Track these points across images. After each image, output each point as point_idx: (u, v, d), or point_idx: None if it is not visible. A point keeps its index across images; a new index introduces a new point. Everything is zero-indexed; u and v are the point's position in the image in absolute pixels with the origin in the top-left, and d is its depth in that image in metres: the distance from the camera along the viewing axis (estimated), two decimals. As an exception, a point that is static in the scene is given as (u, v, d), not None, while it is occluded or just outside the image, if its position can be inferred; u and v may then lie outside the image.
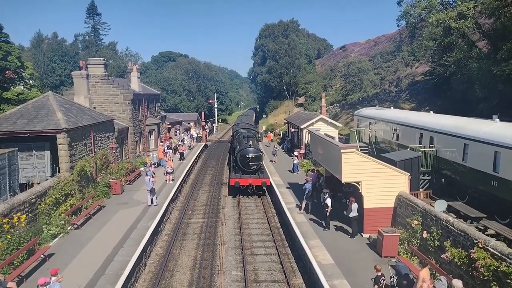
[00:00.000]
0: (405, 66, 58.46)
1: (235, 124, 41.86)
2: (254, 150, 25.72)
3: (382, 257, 14.75)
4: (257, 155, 25.77)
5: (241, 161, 25.59)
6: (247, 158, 25.45)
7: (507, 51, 24.00)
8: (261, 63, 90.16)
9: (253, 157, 25.52)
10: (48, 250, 15.49)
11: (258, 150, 26.03)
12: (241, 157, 25.70)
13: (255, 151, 25.72)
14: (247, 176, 25.31)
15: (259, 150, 26.38)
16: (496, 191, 16.54)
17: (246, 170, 25.61)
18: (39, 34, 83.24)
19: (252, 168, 25.63)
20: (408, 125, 25.35)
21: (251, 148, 25.76)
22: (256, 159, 25.61)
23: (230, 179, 26.18)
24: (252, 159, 25.45)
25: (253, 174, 25.59)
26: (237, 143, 29.10)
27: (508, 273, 10.14)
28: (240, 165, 25.75)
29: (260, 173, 25.96)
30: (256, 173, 25.75)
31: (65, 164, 21.23)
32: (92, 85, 32.36)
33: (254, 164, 25.58)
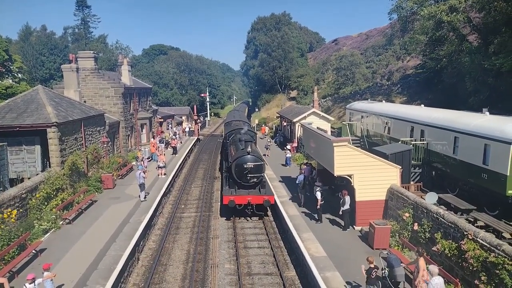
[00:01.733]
0: (396, 59, 58.72)
1: (227, 123, 34.59)
2: (253, 159, 19.96)
3: (374, 249, 14.93)
4: (258, 165, 19.97)
5: (237, 173, 19.95)
6: (245, 169, 19.80)
7: (497, 45, 24.21)
8: (253, 57, 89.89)
9: (253, 167, 19.81)
10: (40, 245, 15.39)
11: (258, 158, 20.25)
12: (237, 168, 19.94)
13: (255, 160, 19.97)
14: (244, 192, 20.05)
15: (260, 158, 20.55)
16: (485, 183, 16.78)
17: (243, 184, 20.21)
18: (27, 26, 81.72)
19: (251, 181, 20.13)
20: (399, 119, 25.53)
21: (250, 156, 19.90)
22: (256, 170, 19.93)
23: (222, 196, 20.29)
24: (251, 170, 19.81)
25: (252, 189, 20.28)
26: (231, 148, 23.31)
27: (496, 264, 10.33)
28: (235, 177, 20.12)
29: (262, 187, 20.33)
30: (256, 187, 20.36)
31: (55, 158, 21.02)
32: (82, 78, 31.95)
33: (253, 177, 20.01)
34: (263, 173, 20.53)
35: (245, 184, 20.19)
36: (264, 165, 20.54)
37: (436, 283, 10.18)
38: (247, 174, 19.87)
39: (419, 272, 10.85)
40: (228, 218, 20.23)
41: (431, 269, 10.65)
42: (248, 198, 19.59)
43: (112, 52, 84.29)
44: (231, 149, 23.28)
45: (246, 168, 19.80)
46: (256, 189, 20.30)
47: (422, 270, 10.65)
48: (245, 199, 19.57)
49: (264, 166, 20.51)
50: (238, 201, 19.41)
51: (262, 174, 20.42)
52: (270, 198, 19.77)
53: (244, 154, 20.02)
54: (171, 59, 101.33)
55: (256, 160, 20.03)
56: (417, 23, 33.60)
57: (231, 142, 24.42)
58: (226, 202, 19.35)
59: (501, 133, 15.96)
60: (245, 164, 19.78)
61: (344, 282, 12.35)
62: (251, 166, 19.83)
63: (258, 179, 20.22)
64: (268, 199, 19.54)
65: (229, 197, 19.42)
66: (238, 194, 19.90)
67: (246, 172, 19.82)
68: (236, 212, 20.02)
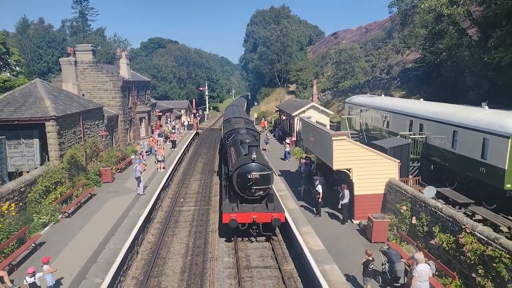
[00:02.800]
0: (396, 53, 58.54)
1: (226, 121, 30.44)
2: (259, 167, 16.46)
3: (372, 243, 15.03)
4: (265, 175, 16.46)
5: (240, 184, 16.54)
6: (249, 180, 16.34)
7: (497, 39, 24.11)
8: (252, 50, 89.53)
9: (259, 178, 16.34)
10: (39, 239, 15.43)
11: (265, 167, 16.72)
12: (239, 178, 16.51)
13: (261, 169, 16.47)
14: (248, 208, 16.60)
15: (267, 166, 16.98)
16: (484, 177, 16.83)
17: (247, 198, 16.78)
18: (24, 19, 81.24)
19: (257, 195, 16.71)
20: (398, 113, 25.52)
21: (255, 165, 16.40)
22: (263, 181, 16.45)
23: (222, 213, 16.78)
24: (256, 181, 16.33)
25: (257, 203, 16.92)
26: (231, 151, 19.90)
27: (493, 257, 10.40)
28: (237, 189, 16.73)
29: (269, 201, 16.87)
30: (262, 201, 16.97)
31: (54, 152, 20.99)
32: (80, 72, 31.81)
33: (259, 189, 16.56)
34: (271, 184, 16.92)
35: (249, 198, 16.72)
36: (272, 175, 16.90)
37: (421, 270, 10.43)
38: (252, 186, 16.37)
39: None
40: (228, 239, 17.09)
41: (417, 257, 10.91)
42: (252, 215, 16.20)
43: (110, 45, 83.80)
44: (231, 152, 19.80)
45: (251, 179, 16.30)
46: (263, 204, 16.87)
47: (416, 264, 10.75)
48: (249, 216, 16.21)
49: (272, 176, 16.88)
50: (241, 220, 16.16)
51: (270, 186, 16.76)
52: (280, 215, 16.28)
53: (248, 161, 16.46)
54: (170, 53, 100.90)
55: (263, 169, 16.48)
56: (417, 16, 33.42)
57: (232, 144, 20.89)
58: (226, 221, 16.11)
59: (500, 127, 15.98)
60: (249, 174, 16.28)
61: (343, 275, 12.42)
62: (257, 176, 16.29)
63: (264, 191, 16.66)
64: (277, 217, 16.07)
65: (229, 215, 16.09)
66: (241, 210, 16.46)
67: (250, 183, 16.33)
68: (239, 232, 16.73)
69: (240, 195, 16.83)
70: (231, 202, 17.06)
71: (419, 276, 10.42)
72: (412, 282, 10.58)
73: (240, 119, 28.90)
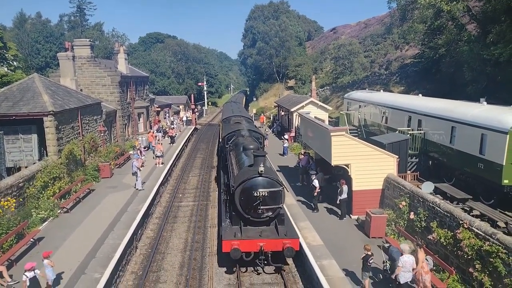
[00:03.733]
0: (395, 48, 58.46)
1: (225, 120, 27.22)
2: (268, 182, 13.28)
3: (370, 238, 15.10)
4: (275, 192, 13.30)
5: (244, 203, 13.35)
6: (255, 198, 13.16)
7: (496, 35, 24.10)
8: (251, 45, 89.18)
9: (267, 196, 13.20)
10: (38, 234, 15.44)
11: (275, 182, 13.46)
12: (243, 196, 13.35)
13: (270, 184, 13.29)
14: (254, 233, 13.41)
15: (277, 181, 13.61)
16: (482, 173, 16.89)
17: (252, 220, 13.59)
18: (21, 13, 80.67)
19: (265, 216, 13.54)
20: (397, 108, 25.53)
21: (263, 179, 13.24)
22: (272, 200, 13.31)
23: (222, 239, 13.38)
24: (264, 200, 13.20)
25: (265, 225, 13.73)
26: (232, 160, 16.88)
27: (490, 252, 10.47)
28: (241, 210, 13.51)
29: (279, 223, 13.73)
30: (271, 223, 13.80)
31: (52, 147, 20.96)
32: (78, 67, 31.69)
33: (268, 210, 13.39)
34: (282, 203, 13.65)
35: (255, 219, 13.55)
36: (283, 191, 13.59)
37: (405, 261, 10.66)
38: (259, 205, 13.14)
39: (418, 263, 11.00)
40: (229, 269, 13.83)
41: (402, 247, 11.06)
42: (259, 243, 12.98)
43: (108, 40, 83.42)
44: (231, 160, 16.90)
45: (257, 196, 13.07)
46: (271, 226, 13.72)
47: (421, 262, 10.80)
48: (255, 244, 13.00)
49: (283, 193, 13.58)
50: (245, 248, 12.94)
51: (281, 205, 13.54)
52: (293, 243, 12.96)
53: (254, 175, 13.17)
54: (168, 48, 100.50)
55: (272, 184, 13.24)
56: (416, 11, 33.37)
57: (232, 149, 18.12)
58: (227, 250, 12.86)
59: (498, 123, 16.00)
60: (255, 191, 13.07)
61: (341, 270, 12.48)
62: (265, 194, 13.09)
63: (274, 212, 13.47)
64: (290, 246, 12.78)
65: (231, 243, 12.85)
66: (245, 235, 13.28)
67: (256, 203, 13.10)
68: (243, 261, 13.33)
69: (244, 217, 13.54)
70: (233, 224, 13.76)
71: (403, 266, 10.66)
72: (396, 271, 10.87)
73: (240, 118, 25.97)
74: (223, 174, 19.16)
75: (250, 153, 15.29)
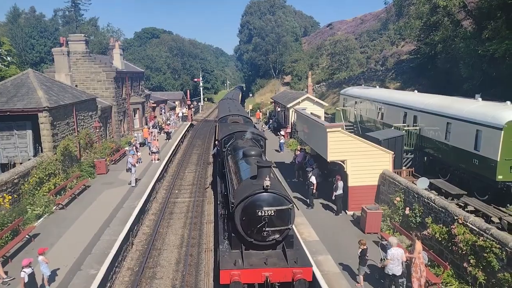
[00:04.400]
0: (391, 44, 58.52)
1: (222, 119, 24.75)
2: (275, 199, 10.81)
3: (366, 234, 15.17)
4: (283, 210, 10.82)
5: (246, 225, 10.86)
6: (260, 218, 10.71)
7: (491, 31, 24.17)
8: (247, 41, 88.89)
9: (274, 215, 10.76)
10: (33, 230, 15.38)
11: (283, 198, 10.92)
12: (245, 215, 10.84)
13: (277, 201, 10.81)
14: (258, 260, 10.92)
15: (286, 197, 11.06)
16: (476, 168, 17.00)
17: (256, 244, 11.06)
18: (15, 8, 79.77)
19: (271, 239, 11.03)
20: (392, 104, 25.60)
21: (268, 195, 10.78)
22: (280, 220, 10.84)
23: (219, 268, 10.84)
24: (270, 220, 10.74)
25: (271, 249, 11.22)
26: (231, 168, 14.30)
27: (484, 247, 10.57)
28: (242, 232, 10.96)
29: (288, 246, 11.16)
30: (277, 246, 11.27)
31: (47, 143, 20.84)
32: (73, 62, 31.47)
33: (275, 232, 10.90)
34: (292, 223, 11.07)
35: (259, 243, 10.98)
36: (293, 210, 11.00)
37: (392, 254, 10.80)
38: (264, 227, 10.69)
39: (415, 254, 11.13)
40: None
41: (390, 240, 11.19)
42: (264, 273, 10.57)
43: (104, 35, 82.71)
44: (230, 167, 14.43)
45: (262, 216, 10.60)
46: (278, 250, 11.19)
47: (417, 253, 10.94)
48: (259, 275, 10.56)
49: (293, 211, 11.00)
50: (247, 279, 10.57)
51: (290, 226, 10.97)
52: (305, 272, 10.55)
53: (257, 190, 10.71)
54: (164, 43, 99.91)
55: (280, 201, 10.72)
56: (412, 7, 33.39)
57: (230, 154, 15.87)
58: (226, 282, 10.45)
59: (492, 118, 16.09)
60: (259, 209, 10.59)
61: (336, 265, 12.55)
62: (271, 213, 10.64)
63: (282, 234, 10.94)
64: (302, 277, 10.37)
65: (230, 273, 10.44)
66: (247, 262, 10.76)
67: (261, 224, 10.63)
68: None
69: (246, 240, 10.94)
70: (232, 247, 11.19)
71: (391, 259, 10.81)
72: (385, 263, 11.08)
73: (238, 117, 24.18)
74: (220, 182, 16.86)
75: (251, 161, 13.06)
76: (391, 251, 10.82)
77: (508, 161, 15.46)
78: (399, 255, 10.81)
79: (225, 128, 20.70)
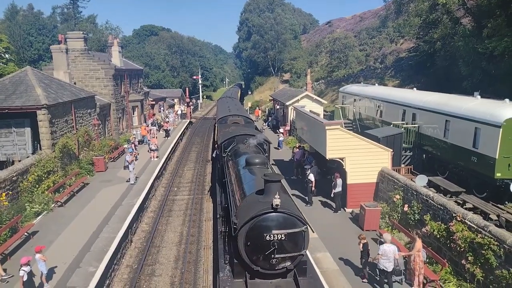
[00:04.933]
0: (390, 42, 58.45)
1: (221, 120, 23.13)
2: (285, 220, 8.69)
3: (364, 231, 15.20)
4: (295, 233, 8.73)
5: (251, 250, 8.76)
6: (267, 243, 8.64)
7: (491, 29, 24.14)
8: (246, 38, 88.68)
9: (285, 240, 8.68)
10: (32, 228, 15.37)
11: (296, 219, 8.79)
12: (250, 240, 8.70)
13: (288, 223, 8.70)
14: None
15: (298, 216, 8.87)
16: (475, 166, 17.02)
17: (263, 273, 8.95)
18: (13, 5, 79.52)
19: (280, 268, 8.95)
20: (391, 102, 25.60)
21: (276, 216, 8.64)
22: (292, 245, 8.78)
23: None
24: (280, 245, 8.66)
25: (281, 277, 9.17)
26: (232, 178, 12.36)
27: (482, 244, 10.60)
28: (247, 259, 8.85)
29: (300, 274, 9.18)
30: (288, 275, 9.21)
31: (46, 141, 20.80)
32: (72, 59, 31.37)
33: (286, 259, 8.85)
34: (305, 249, 9.13)
35: (267, 272, 8.99)
36: (307, 232, 9.07)
37: (384, 249, 10.94)
38: (272, 254, 8.74)
39: (414, 252, 11.20)
40: None
41: (385, 237, 11.32)
42: None
43: (102, 32, 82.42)
44: (231, 177, 12.55)
45: (270, 241, 8.65)
46: (289, 279, 9.21)
47: (415, 251, 11.00)
48: None
49: (307, 234, 9.07)
50: None
51: (303, 252, 9.07)
52: None
53: (265, 210, 8.70)
54: (162, 40, 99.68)
55: (291, 223, 8.73)
56: (411, 5, 33.33)
57: (231, 159, 14.21)
58: None
59: (491, 116, 16.10)
60: (267, 233, 8.62)
61: (335, 262, 12.58)
62: (281, 237, 8.66)
63: (294, 261, 9.00)
64: None
65: None
66: None
67: (270, 250, 8.69)
68: None
69: (251, 268, 8.91)
70: (235, 275, 9.24)
71: (383, 254, 10.91)
72: (376, 257, 11.22)
73: (239, 118, 22.75)
74: (219, 190, 15.20)
75: (256, 170, 11.40)
76: (383, 247, 10.96)
77: (506, 158, 15.48)
78: (391, 251, 10.90)
79: (225, 131, 18.79)
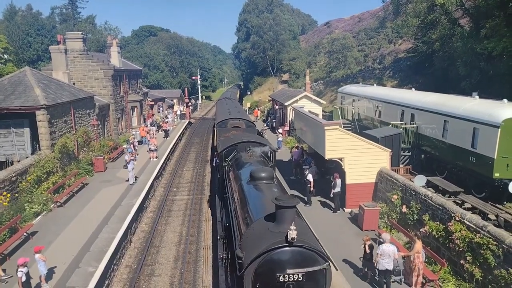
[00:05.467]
0: (388, 43, 58.57)
1: (221, 124, 22.28)
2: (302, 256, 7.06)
3: (363, 231, 15.24)
4: (314, 272, 7.08)
5: None
6: (281, 285, 7.01)
7: (489, 29, 24.23)
8: (245, 39, 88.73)
9: (302, 280, 7.03)
10: (31, 228, 15.38)
11: (315, 253, 7.18)
12: (259, 280, 7.05)
13: (306, 260, 7.07)
14: None
15: (319, 251, 7.29)
16: (473, 166, 17.07)
17: None
18: (11, 5, 79.37)
19: None
20: (390, 102, 25.65)
21: (291, 251, 7.04)
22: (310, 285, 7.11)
23: None
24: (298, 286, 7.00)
25: None
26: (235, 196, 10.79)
27: (481, 244, 10.64)
28: None
29: None
30: None
31: (45, 141, 20.79)
32: (70, 60, 31.36)
33: None
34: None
35: None
36: (329, 270, 7.38)
37: (383, 249, 10.97)
38: None
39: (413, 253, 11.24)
40: None
41: (384, 236, 11.33)
42: None
43: (101, 33, 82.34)
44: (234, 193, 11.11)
45: (285, 283, 7.09)
46: None
47: (415, 252, 11.04)
48: None
49: (329, 273, 7.41)
50: None
51: None
52: None
53: (279, 243, 7.13)
54: (161, 41, 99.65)
55: (311, 260, 7.20)
56: (410, 5, 33.43)
57: (232, 170, 12.97)
58: None
59: (489, 116, 16.16)
60: (281, 273, 7.09)
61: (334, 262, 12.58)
62: (298, 277, 7.11)
63: None
64: None
65: None
66: None
67: None
68: None
69: None
70: None
71: (381, 254, 10.95)
72: (376, 258, 11.23)
73: (239, 121, 21.51)
74: (219, 205, 13.69)
75: (263, 187, 9.88)
76: (382, 247, 10.98)
77: (504, 158, 15.54)
78: (390, 251, 10.91)
79: (225, 135, 17.58)
